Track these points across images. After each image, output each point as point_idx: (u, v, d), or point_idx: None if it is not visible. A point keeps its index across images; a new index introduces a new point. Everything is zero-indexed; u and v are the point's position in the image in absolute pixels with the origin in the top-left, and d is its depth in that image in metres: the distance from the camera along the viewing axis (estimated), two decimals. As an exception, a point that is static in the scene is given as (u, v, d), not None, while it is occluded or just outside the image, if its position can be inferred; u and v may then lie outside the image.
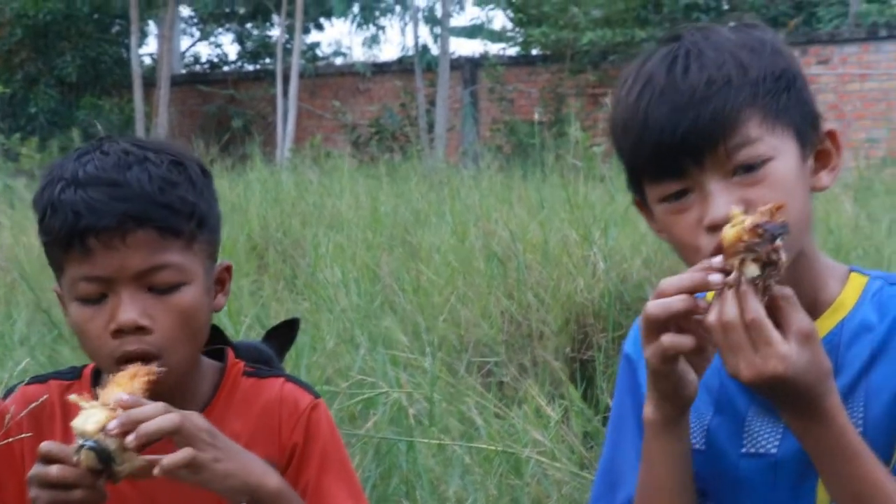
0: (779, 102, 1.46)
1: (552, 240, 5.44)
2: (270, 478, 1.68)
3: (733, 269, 1.37)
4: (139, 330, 1.66)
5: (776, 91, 1.46)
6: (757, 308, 1.34)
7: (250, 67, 23.85)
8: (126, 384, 1.60)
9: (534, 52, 19.71)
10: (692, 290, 1.40)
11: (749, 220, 1.36)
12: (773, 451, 1.52)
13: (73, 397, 1.61)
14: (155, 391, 1.64)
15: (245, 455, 1.67)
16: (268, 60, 23.19)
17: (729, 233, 1.37)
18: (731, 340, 1.34)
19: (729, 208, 1.42)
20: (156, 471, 1.55)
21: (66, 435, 1.78)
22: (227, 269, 1.83)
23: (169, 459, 1.55)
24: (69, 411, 1.80)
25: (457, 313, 5.03)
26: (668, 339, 1.41)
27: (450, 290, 5.29)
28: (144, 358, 1.66)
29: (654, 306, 1.41)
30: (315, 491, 1.80)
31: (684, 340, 1.41)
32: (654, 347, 1.42)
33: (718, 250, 1.38)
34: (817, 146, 1.52)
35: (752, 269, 1.35)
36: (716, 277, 1.39)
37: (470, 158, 15.22)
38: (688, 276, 1.41)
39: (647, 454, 1.53)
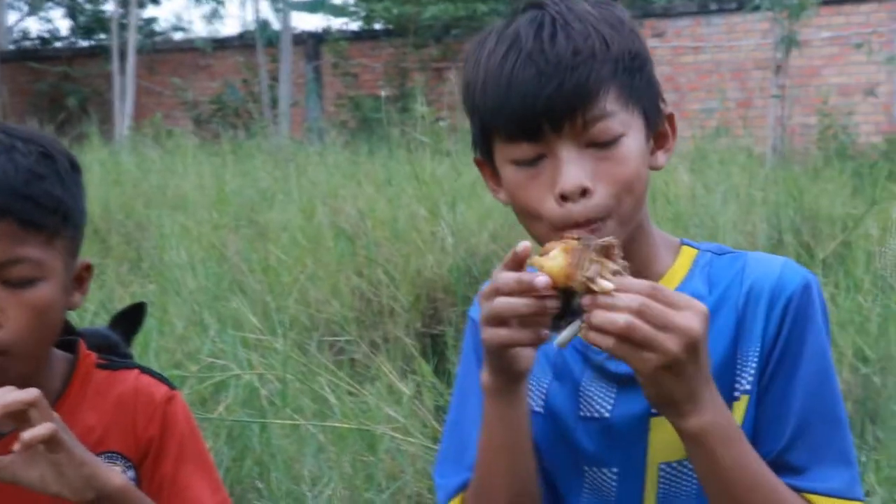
0: (633, 81, 1.49)
1: (401, 216, 5.47)
2: (115, 475, 1.66)
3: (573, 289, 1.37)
4: None
5: (632, 69, 1.49)
6: (635, 296, 1.34)
7: (84, 43, 23.11)
8: None
9: (376, 26, 19.65)
10: (531, 314, 1.39)
11: (566, 260, 1.36)
12: (607, 414, 1.57)
13: None
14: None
15: (90, 455, 1.64)
16: (103, 36, 22.49)
17: (553, 268, 1.37)
18: (638, 337, 1.33)
19: (580, 179, 1.45)
20: (16, 446, 1.51)
21: None
22: (87, 267, 1.78)
23: (30, 433, 1.52)
24: None
25: (307, 292, 5.01)
26: (506, 332, 1.41)
27: (299, 269, 5.28)
28: None
29: (501, 304, 1.39)
30: (173, 484, 1.78)
31: (524, 336, 1.41)
32: (491, 334, 1.42)
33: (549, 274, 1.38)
34: (658, 128, 1.56)
35: (605, 283, 1.35)
36: (552, 303, 1.38)
37: (315, 134, 15.11)
38: (524, 303, 1.38)
39: (486, 417, 1.55)
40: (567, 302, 1.39)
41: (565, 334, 1.40)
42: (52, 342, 1.75)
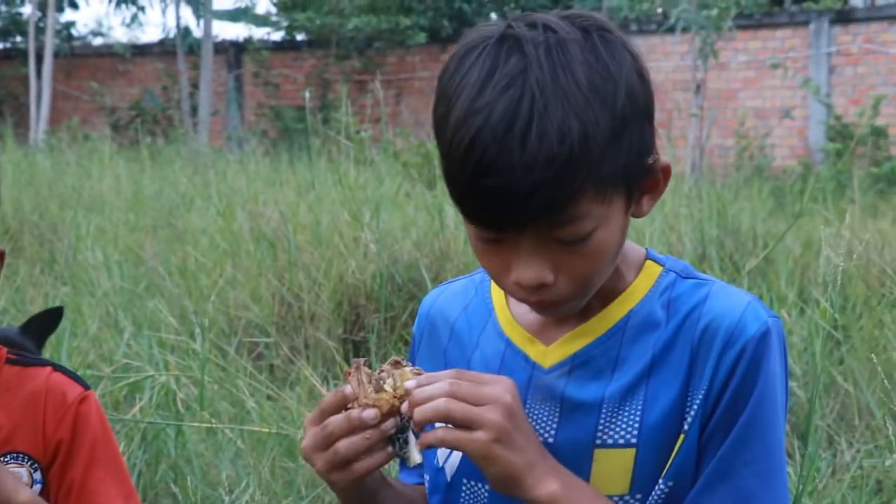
0: (615, 166, 1.34)
1: (323, 221, 5.39)
2: (21, 493, 1.56)
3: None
4: None
5: (616, 154, 1.34)
6: (442, 382, 1.33)
7: (0, 45, 22.67)
8: None
9: (299, 37, 19.56)
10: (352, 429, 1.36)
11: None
12: (550, 439, 1.50)
13: None
14: None
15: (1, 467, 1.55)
16: (19, 39, 22.07)
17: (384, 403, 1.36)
18: (459, 417, 1.31)
19: (539, 274, 1.36)
20: None
21: None
22: (0, 254, 1.69)
23: None
24: None
25: (226, 296, 4.91)
26: (336, 476, 1.38)
27: (218, 273, 5.17)
28: None
29: (345, 446, 1.36)
30: (81, 489, 1.69)
31: (371, 465, 1.38)
32: (334, 482, 1.40)
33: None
34: (647, 179, 1.42)
35: (408, 384, 1.35)
36: (369, 414, 1.35)
37: (235, 143, 14.97)
38: (364, 438, 1.36)
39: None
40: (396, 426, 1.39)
41: (411, 449, 1.38)
42: None
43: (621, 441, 1.44)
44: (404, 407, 1.34)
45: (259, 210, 6.00)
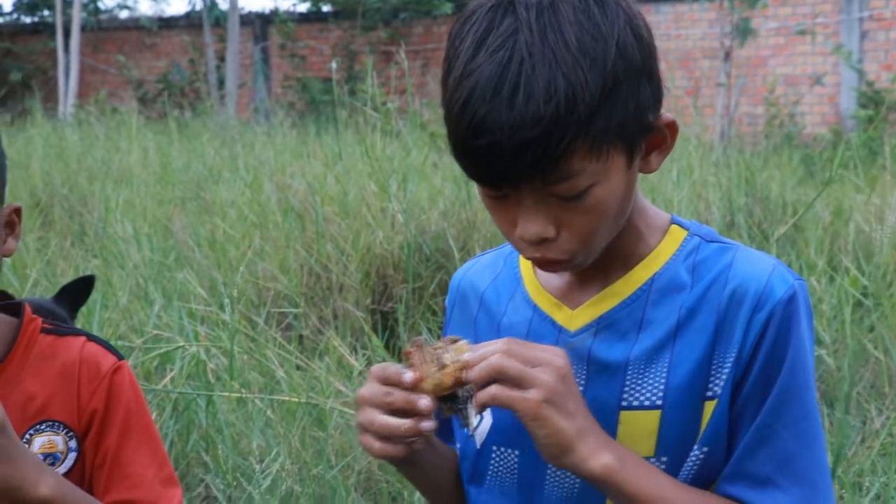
0: (609, 123, 1.36)
1: (350, 192, 5.40)
2: (44, 484, 1.57)
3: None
4: None
5: (608, 112, 1.36)
6: (497, 345, 1.36)
7: (28, 20, 22.74)
8: None
9: (324, 8, 19.51)
10: (405, 435, 1.39)
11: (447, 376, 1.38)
12: None
13: None
14: None
15: (24, 456, 1.56)
16: (46, 13, 22.13)
17: (436, 383, 1.38)
18: (513, 374, 1.34)
19: (541, 229, 1.39)
20: None
21: None
22: (17, 210, 1.70)
23: None
24: None
25: (254, 267, 4.93)
26: (378, 447, 1.41)
27: (246, 245, 5.19)
28: None
29: (382, 422, 1.39)
30: (116, 458, 1.71)
31: (394, 451, 1.41)
32: (366, 443, 1.42)
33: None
34: (651, 135, 1.44)
35: (465, 357, 1.37)
36: (427, 425, 1.39)
37: (262, 115, 14.98)
38: (397, 423, 1.39)
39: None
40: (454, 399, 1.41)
41: (471, 418, 1.40)
42: None
43: (647, 403, 1.46)
44: (465, 375, 1.36)
45: (286, 182, 6.01)
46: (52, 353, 1.73)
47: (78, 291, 2.11)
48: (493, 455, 1.58)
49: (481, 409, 1.38)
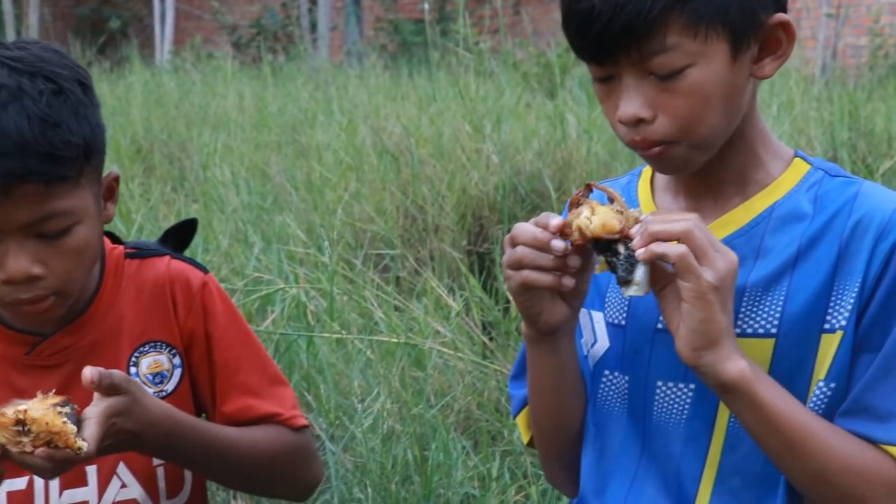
0: (709, 1, 1.38)
1: (445, 134, 5.39)
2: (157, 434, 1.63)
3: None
4: (32, 278, 1.57)
5: None
6: (689, 214, 1.36)
7: (123, -32, 23.03)
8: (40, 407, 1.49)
9: (416, -52, 19.41)
10: (539, 248, 1.42)
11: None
12: None
13: None
14: (54, 316, 1.64)
15: (156, 411, 1.62)
16: (142, -40, 22.39)
17: (604, 222, 1.39)
18: (697, 245, 1.33)
19: (638, 109, 1.41)
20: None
21: None
22: (116, 178, 1.73)
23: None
24: None
25: (351, 209, 4.97)
26: (524, 274, 1.43)
27: (343, 187, 5.23)
28: (40, 301, 1.60)
29: (522, 253, 1.42)
30: (224, 370, 1.78)
31: (541, 279, 1.43)
32: (511, 278, 1.45)
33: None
34: (763, 35, 1.44)
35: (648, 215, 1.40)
36: (558, 244, 1.41)
37: (354, 58, 15.00)
38: (532, 236, 1.42)
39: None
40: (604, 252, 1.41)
41: (636, 276, 1.39)
42: (96, 265, 1.71)
43: (761, 331, 1.45)
44: (635, 229, 1.37)
45: (381, 124, 6.02)
46: (140, 275, 1.78)
47: (182, 234, 2.14)
48: (604, 379, 1.59)
49: (650, 259, 1.36)
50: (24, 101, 1.52)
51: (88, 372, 1.48)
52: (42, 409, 1.44)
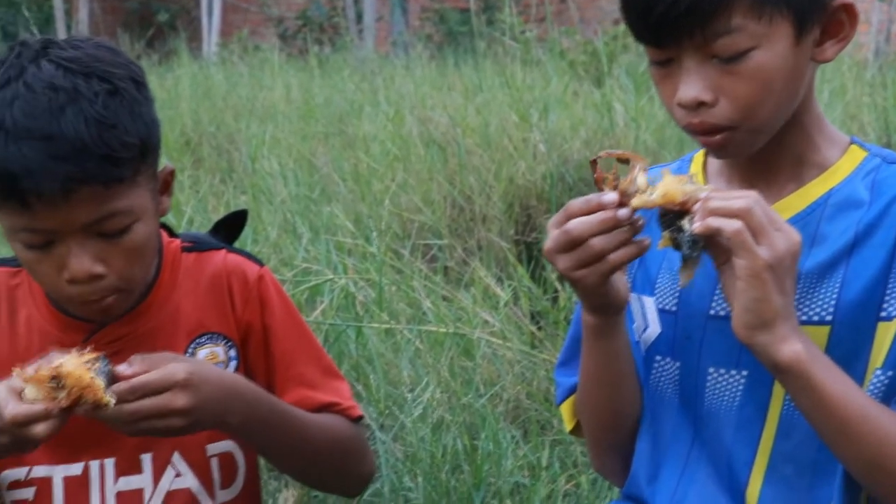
0: None
1: (491, 123, 5.38)
2: (235, 414, 1.68)
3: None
4: (94, 277, 1.60)
5: None
6: (749, 193, 1.33)
7: (171, -39, 23.20)
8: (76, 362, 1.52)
9: (461, -62, 19.38)
10: (610, 228, 1.40)
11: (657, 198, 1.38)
12: None
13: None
14: (117, 312, 1.68)
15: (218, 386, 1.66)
16: (189, -46, 22.54)
17: (666, 193, 1.37)
18: (755, 223, 1.30)
19: (698, 93, 1.39)
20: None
21: (11, 323, 1.73)
22: (171, 173, 1.75)
23: None
24: (14, 300, 1.75)
25: (398, 200, 4.98)
26: (610, 259, 1.42)
27: (390, 178, 5.24)
28: (103, 299, 1.63)
29: (575, 224, 1.40)
30: (281, 362, 1.81)
31: (629, 252, 1.42)
32: (586, 276, 1.42)
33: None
34: (826, 18, 1.43)
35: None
36: (624, 212, 1.39)
37: (400, 48, 15.01)
38: (599, 220, 1.40)
39: (585, 348, 1.58)
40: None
41: (693, 254, 1.37)
42: (154, 259, 1.74)
43: (815, 318, 1.43)
44: (697, 205, 1.35)
45: (427, 114, 6.02)
46: (198, 268, 1.81)
47: (232, 226, 2.16)
48: (656, 365, 1.59)
49: (705, 233, 1.33)
50: (81, 104, 1.54)
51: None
52: (75, 363, 1.48)
